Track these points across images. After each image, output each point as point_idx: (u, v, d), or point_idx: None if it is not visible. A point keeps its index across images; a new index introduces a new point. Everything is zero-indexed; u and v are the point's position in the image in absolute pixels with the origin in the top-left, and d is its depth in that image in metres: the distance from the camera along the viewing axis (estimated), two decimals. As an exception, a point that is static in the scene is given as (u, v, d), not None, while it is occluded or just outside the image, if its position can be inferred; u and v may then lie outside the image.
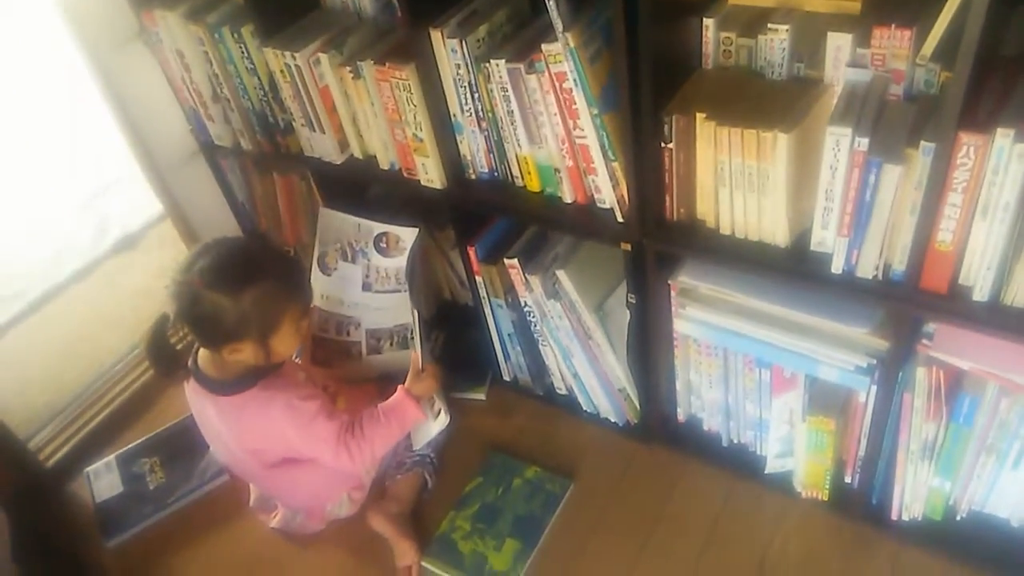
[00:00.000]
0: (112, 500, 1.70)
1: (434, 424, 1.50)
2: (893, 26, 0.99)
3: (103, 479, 1.75)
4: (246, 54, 1.53)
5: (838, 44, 1.05)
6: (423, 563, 1.46)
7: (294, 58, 1.43)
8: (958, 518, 1.31)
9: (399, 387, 1.45)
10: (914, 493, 1.29)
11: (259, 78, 1.55)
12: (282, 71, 1.47)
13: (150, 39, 1.68)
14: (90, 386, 1.97)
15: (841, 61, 1.06)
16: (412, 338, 1.63)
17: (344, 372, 1.73)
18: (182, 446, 1.76)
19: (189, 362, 1.39)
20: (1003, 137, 0.89)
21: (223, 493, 1.67)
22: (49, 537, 1.66)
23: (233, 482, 1.66)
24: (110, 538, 1.63)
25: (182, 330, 1.33)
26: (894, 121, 1.01)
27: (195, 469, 1.71)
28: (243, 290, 1.24)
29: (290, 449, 1.40)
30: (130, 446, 1.81)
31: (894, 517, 1.34)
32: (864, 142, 0.97)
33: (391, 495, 1.54)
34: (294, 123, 1.57)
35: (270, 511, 1.58)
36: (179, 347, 1.44)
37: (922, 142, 0.94)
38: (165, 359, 1.40)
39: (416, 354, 1.50)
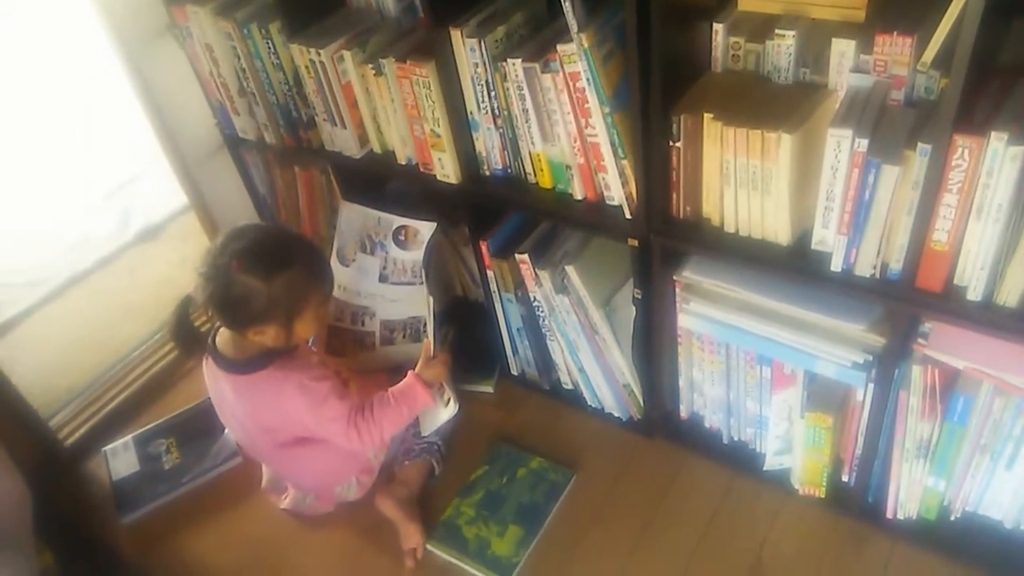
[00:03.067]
0: (128, 478, 1.75)
1: (443, 411, 1.54)
2: (895, 33, 1.03)
3: (120, 458, 1.80)
4: (273, 50, 1.58)
5: (842, 50, 1.09)
6: (428, 546, 1.50)
7: (319, 54, 1.49)
8: (952, 518, 1.34)
9: (410, 372, 1.49)
10: (909, 492, 1.32)
11: (284, 73, 1.61)
12: (307, 67, 1.53)
13: (180, 34, 1.74)
14: (110, 369, 2.03)
15: (845, 67, 1.10)
16: (425, 325, 1.67)
17: (357, 361, 1.78)
18: (197, 429, 1.81)
19: (208, 342, 1.44)
20: (997, 140, 0.92)
21: (236, 474, 1.72)
22: (66, 512, 1.71)
23: (246, 464, 1.71)
24: (125, 514, 1.68)
25: (206, 312, 1.38)
26: (894, 124, 1.05)
27: (209, 451, 1.76)
28: (275, 275, 1.30)
29: (302, 428, 1.44)
30: (147, 427, 1.86)
31: (889, 516, 1.37)
32: (864, 143, 1.01)
33: (399, 480, 1.58)
34: (316, 118, 1.62)
35: (281, 492, 1.63)
36: (202, 328, 1.49)
37: (919, 144, 0.98)
38: (188, 339, 1.45)
39: (428, 341, 1.54)
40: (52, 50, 3.30)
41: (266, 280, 1.30)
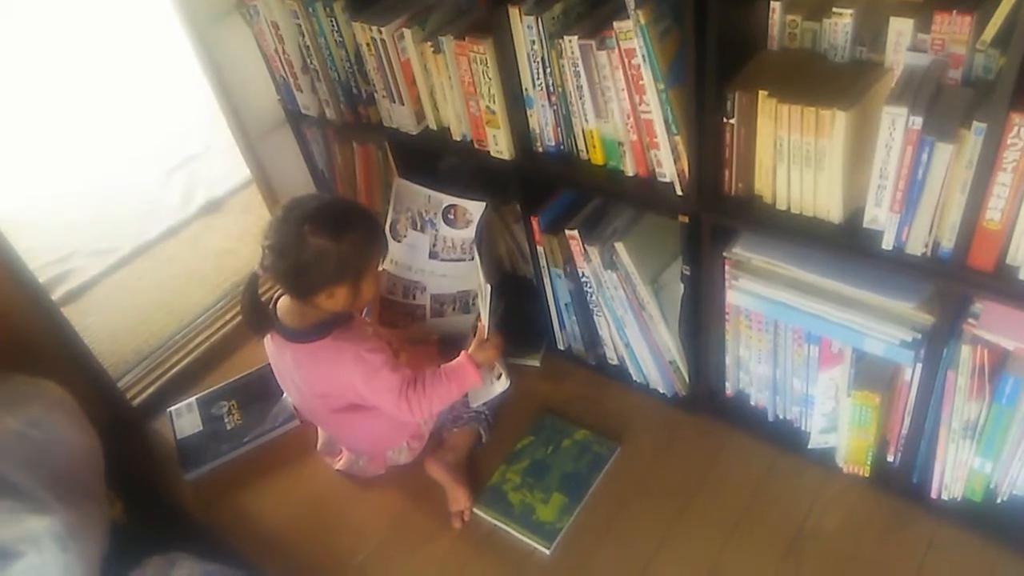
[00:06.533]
0: (192, 437, 1.84)
1: (495, 386, 1.58)
2: (954, 12, 1.03)
3: (184, 418, 1.89)
4: (336, 28, 1.64)
5: (900, 29, 1.10)
6: (474, 509, 1.56)
7: (380, 32, 1.53)
8: (999, 501, 1.33)
9: (463, 352, 1.52)
10: (954, 473, 1.32)
11: (346, 51, 1.66)
12: (368, 44, 1.58)
13: (247, 12, 1.81)
14: (175, 334, 2.13)
15: (902, 45, 1.10)
16: (481, 307, 1.71)
17: (408, 332, 1.84)
18: (258, 392, 1.89)
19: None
20: (1055, 118, 0.92)
21: (293, 436, 1.80)
22: (134, 467, 1.81)
23: (303, 427, 1.79)
24: (189, 471, 1.77)
25: (274, 282, 1.44)
26: (950, 103, 1.05)
27: (269, 413, 1.84)
28: (344, 234, 1.35)
29: (356, 396, 1.50)
30: (210, 390, 1.95)
31: (934, 496, 1.38)
32: (918, 121, 1.02)
33: (448, 446, 1.64)
34: (376, 94, 1.67)
35: (335, 455, 1.70)
36: (267, 300, 1.55)
37: (974, 122, 0.98)
38: (260, 319, 1.49)
39: (483, 324, 1.58)
40: (125, 28, 3.43)
41: (337, 240, 1.35)
